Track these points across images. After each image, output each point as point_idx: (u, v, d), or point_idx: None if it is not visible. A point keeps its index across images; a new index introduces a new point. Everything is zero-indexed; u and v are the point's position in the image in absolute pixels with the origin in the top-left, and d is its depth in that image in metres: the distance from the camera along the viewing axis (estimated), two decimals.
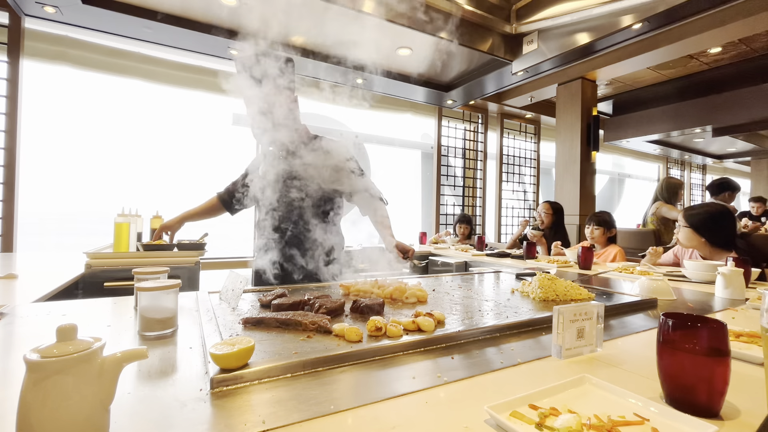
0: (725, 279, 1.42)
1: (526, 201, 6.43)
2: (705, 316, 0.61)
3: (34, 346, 0.44)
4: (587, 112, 4.62)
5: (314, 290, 1.31)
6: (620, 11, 2.95)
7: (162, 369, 0.67)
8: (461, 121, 5.74)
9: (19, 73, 3.09)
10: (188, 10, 3.13)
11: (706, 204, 2.22)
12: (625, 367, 0.72)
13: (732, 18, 3.10)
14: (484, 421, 0.51)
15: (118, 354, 0.47)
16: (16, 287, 1.45)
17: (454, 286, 1.43)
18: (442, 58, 4.01)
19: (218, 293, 1.18)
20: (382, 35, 3.44)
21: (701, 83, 5.22)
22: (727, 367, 0.54)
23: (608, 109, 6.43)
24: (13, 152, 3.08)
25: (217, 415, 0.52)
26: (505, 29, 3.60)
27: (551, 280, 1.28)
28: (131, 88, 3.68)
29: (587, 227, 2.96)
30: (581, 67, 4.28)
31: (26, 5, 2.89)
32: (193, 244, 2.39)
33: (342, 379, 0.64)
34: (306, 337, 0.81)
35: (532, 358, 0.75)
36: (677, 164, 8.85)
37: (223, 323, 0.89)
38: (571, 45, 3.31)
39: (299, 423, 0.50)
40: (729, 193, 4.05)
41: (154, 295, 0.85)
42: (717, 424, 0.51)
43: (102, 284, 2.01)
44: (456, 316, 1.00)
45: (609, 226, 2.89)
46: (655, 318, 1.10)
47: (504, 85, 4.47)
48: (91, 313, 1.02)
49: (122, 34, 3.31)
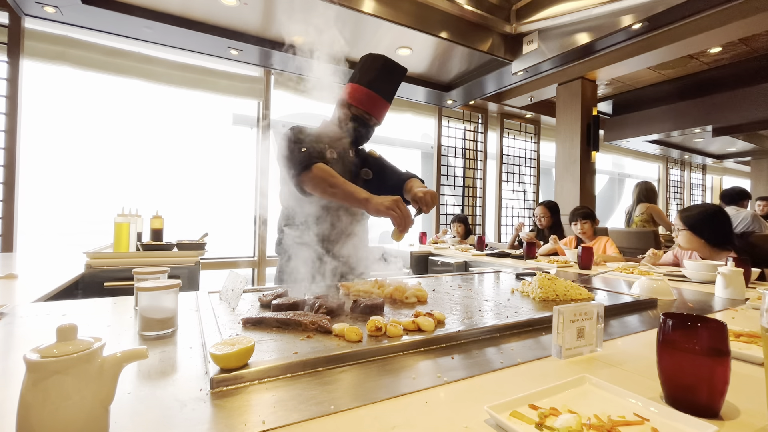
0: (725, 279, 1.42)
1: (526, 201, 6.43)
2: (705, 316, 0.61)
3: (34, 346, 0.44)
4: (587, 112, 4.62)
5: (315, 290, 1.31)
6: (620, 11, 2.95)
7: (162, 369, 0.67)
8: (461, 121, 5.74)
9: (19, 73, 3.10)
10: (188, 10, 3.13)
11: (700, 205, 2.23)
12: (625, 367, 0.72)
13: (732, 18, 3.10)
14: (484, 421, 0.51)
15: (118, 354, 0.47)
16: (16, 287, 1.45)
17: (454, 286, 1.43)
18: (442, 58, 4.01)
19: (218, 293, 1.18)
20: (382, 35, 3.45)
21: (701, 83, 5.23)
22: (727, 367, 0.54)
23: (608, 109, 6.43)
24: (13, 152, 3.08)
25: (217, 415, 0.52)
26: (505, 29, 3.60)
27: (551, 280, 1.28)
28: (131, 88, 3.68)
29: (573, 224, 3.03)
30: (581, 67, 4.28)
31: (26, 5, 2.89)
32: (193, 244, 2.39)
33: (342, 379, 0.64)
34: (306, 337, 0.81)
35: (532, 358, 0.75)
36: (677, 164, 8.85)
37: (223, 323, 0.89)
38: (571, 45, 3.31)
39: (299, 423, 0.50)
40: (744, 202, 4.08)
41: (154, 295, 0.85)
42: (717, 424, 0.51)
43: (102, 284, 2.01)
44: (456, 316, 1.00)
45: (593, 217, 2.99)
46: (655, 318, 1.10)
47: (504, 85, 4.47)
48: (91, 313, 1.02)
49: (122, 34, 3.31)
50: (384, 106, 1.59)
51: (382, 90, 1.56)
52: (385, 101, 1.59)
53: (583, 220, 2.98)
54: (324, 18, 1.43)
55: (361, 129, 1.60)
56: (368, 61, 1.59)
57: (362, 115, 1.57)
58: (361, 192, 1.33)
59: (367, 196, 1.32)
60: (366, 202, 1.31)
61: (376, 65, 1.57)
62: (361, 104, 1.55)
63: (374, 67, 1.57)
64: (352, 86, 1.57)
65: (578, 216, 3.01)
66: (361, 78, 1.56)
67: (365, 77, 1.56)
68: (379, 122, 1.63)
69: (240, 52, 3.64)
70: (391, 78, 1.59)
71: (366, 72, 1.57)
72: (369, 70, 1.57)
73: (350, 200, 1.35)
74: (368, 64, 1.58)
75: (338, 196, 1.36)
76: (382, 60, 1.58)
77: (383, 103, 1.58)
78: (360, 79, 1.56)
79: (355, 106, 1.56)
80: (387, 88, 1.58)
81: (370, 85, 1.55)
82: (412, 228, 1.35)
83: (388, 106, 1.62)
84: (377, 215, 1.31)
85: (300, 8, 2.88)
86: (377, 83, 1.55)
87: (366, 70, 1.57)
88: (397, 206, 1.27)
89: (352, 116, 1.58)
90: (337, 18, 1.50)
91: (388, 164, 1.78)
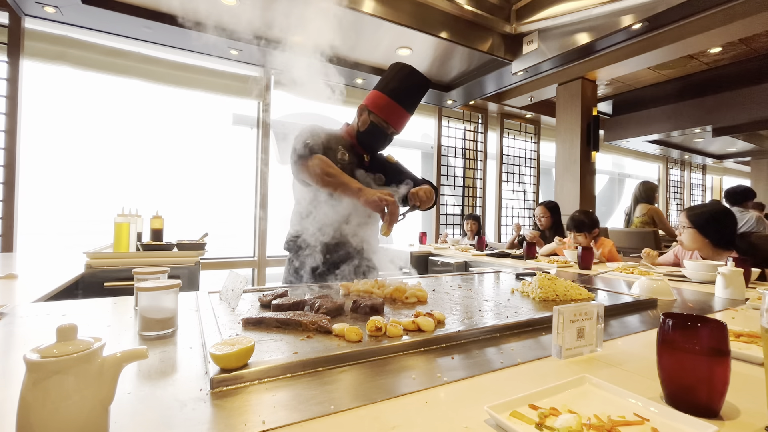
0: (725, 279, 1.42)
1: (526, 201, 6.43)
2: (705, 316, 0.61)
3: (34, 346, 0.44)
4: (587, 112, 4.62)
5: (315, 290, 1.31)
6: (620, 11, 2.95)
7: (162, 369, 0.67)
8: (461, 121, 5.74)
9: (19, 73, 3.10)
10: (188, 10, 3.13)
11: (709, 204, 2.21)
12: (625, 367, 0.72)
13: (732, 18, 3.10)
14: (484, 421, 0.51)
15: (118, 354, 0.47)
16: (16, 287, 1.45)
17: (454, 286, 1.43)
18: (442, 58, 4.01)
19: (218, 293, 1.18)
20: (382, 35, 3.44)
21: (701, 83, 5.23)
22: (727, 367, 0.54)
23: (608, 109, 6.43)
24: (13, 152, 3.08)
25: (217, 415, 0.52)
26: (505, 29, 3.60)
27: (551, 280, 1.28)
28: (131, 88, 3.68)
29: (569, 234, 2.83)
30: (581, 67, 4.28)
31: (26, 5, 2.89)
32: (193, 244, 2.39)
33: (342, 379, 0.64)
34: (306, 337, 0.81)
35: (532, 358, 0.75)
36: (677, 164, 8.85)
37: (223, 323, 0.89)
38: (571, 45, 3.32)
39: (299, 423, 0.50)
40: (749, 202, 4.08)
41: (154, 295, 0.85)
42: (717, 424, 0.51)
43: (102, 284, 2.01)
44: (456, 316, 1.00)
45: (590, 227, 2.72)
46: (655, 318, 1.10)
47: (504, 85, 4.47)
48: (91, 313, 1.02)
49: (122, 34, 3.31)
50: (403, 116, 1.60)
51: (404, 100, 1.57)
52: (405, 111, 1.59)
53: (577, 232, 2.73)
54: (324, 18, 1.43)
55: (378, 136, 1.60)
56: (394, 70, 1.60)
57: (380, 123, 1.57)
58: (354, 183, 1.37)
59: (359, 187, 1.35)
60: (359, 192, 1.34)
61: (401, 75, 1.58)
62: (381, 111, 1.56)
63: (398, 77, 1.57)
64: (374, 93, 1.59)
65: (572, 227, 2.77)
66: (384, 86, 1.57)
67: (388, 85, 1.57)
68: (398, 131, 1.63)
69: (240, 52, 3.64)
70: (414, 89, 1.59)
71: (390, 80, 1.58)
72: (393, 79, 1.58)
73: (345, 190, 1.38)
74: (392, 74, 1.59)
75: (333, 185, 1.39)
76: (407, 70, 1.59)
77: (403, 113, 1.59)
78: (383, 87, 1.57)
79: (375, 113, 1.57)
80: (408, 98, 1.58)
81: (391, 94, 1.55)
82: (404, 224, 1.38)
83: (408, 117, 1.63)
84: (367, 206, 1.34)
85: (300, 8, 2.87)
86: (399, 92, 1.56)
87: (390, 78, 1.58)
88: (384, 199, 1.29)
89: (370, 122, 1.58)
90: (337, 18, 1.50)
91: (404, 170, 1.79)
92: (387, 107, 1.55)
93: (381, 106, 1.56)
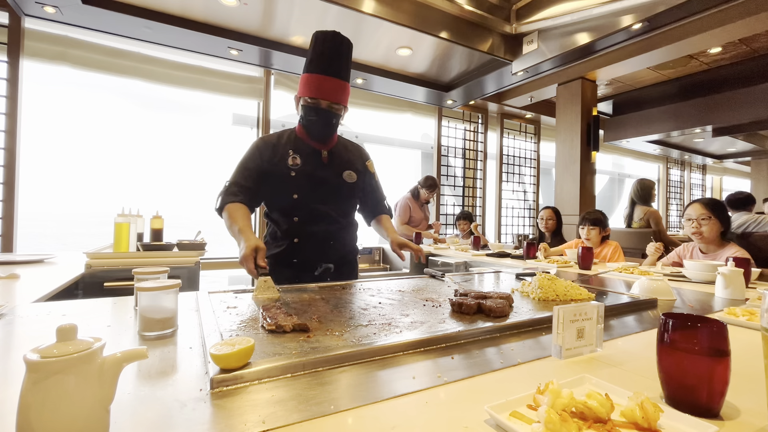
0: (725, 279, 1.41)
1: (526, 201, 6.43)
2: (705, 316, 0.61)
3: (34, 346, 0.44)
4: (587, 112, 4.62)
5: (314, 290, 1.31)
6: (620, 11, 2.95)
7: (162, 369, 0.67)
8: (461, 121, 5.75)
9: (19, 73, 3.09)
10: (188, 10, 3.13)
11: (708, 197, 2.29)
12: (625, 367, 0.72)
13: (732, 18, 3.09)
14: (484, 421, 0.51)
15: (118, 354, 0.47)
16: (17, 287, 1.45)
17: (455, 286, 1.43)
18: (442, 58, 4.01)
19: (218, 293, 1.18)
20: (382, 35, 3.44)
21: (701, 83, 5.22)
22: (727, 367, 0.54)
23: (608, 109, 6.43)
24: (13, 152, 3.08)
25: (217, 415, 0.52)
26: (505, 29, 3.60)
27: (551, 280, 1.28)
28: (131, 88, 3.68)
29: (581, 228, 2.90)
30: (581, 67, 4.28)
31: (26, 5, 2.89)
32: (194, 244, 2.39)
33: (342, 379, 0.64)
34: (306, 337, 0.81)
35: (532, 358, 0.75)
36: (677, 164, 8.85)
37: (223, 323, 0.89)
38: (571, 45, 3.31)
39: (299, 423, 0.50)
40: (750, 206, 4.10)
41: (154, 295, 0.85)
42: (717, 424, 0.51)
43: (102, 284, 2.01)
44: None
45: (604, 225, 2.85)
46: (655, 318, 1.10)
47: (504, 85, 4.47)
48: (91, 313, 1.02)
49: (122, 34, 3.31)
50: (330, 82, 1.46)
51: (325, 68, 1.45)
52: (330, 77, 1.45)
53: (592, 226, 2.82)
54: (324, 18, 1.44)
55: (317, 116, 1.50)
56: (309, 46, 1.52)
57: (311, 102, 1.47)
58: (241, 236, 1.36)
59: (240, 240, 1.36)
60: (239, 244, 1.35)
61: (314, 47, 1.49)
62: (307, 90, 1.47)
63: (313, 51, 1.49)
64: (300, 79, 1.52)
65: (587, 220, 2.86)
66: (305, 68, 1.51)
67: (307, 65, 1.50)
68: (339, 104, 1.50)
69: (240, 52, 3.64)
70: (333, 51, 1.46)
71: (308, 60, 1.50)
72: (309, 55, 1.50)
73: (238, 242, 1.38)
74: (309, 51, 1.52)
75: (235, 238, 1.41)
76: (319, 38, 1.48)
77: (328, 80, 1.45)
78: (305, 70, 1.50)
79: (304, 97, 1.49)
80: (329, 64, 1.45)
81: (309, 67, 1.48)
82: None
83: (339, 83, 1.48)
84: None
85: (300, 8, 2.87)
86: (317, 63, 1.45)
87: (308, 58, 1.51)
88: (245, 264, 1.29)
89: (304, 107, 1.50)
90: (337, 18, 1.51)
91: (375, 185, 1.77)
92: (309, 82, 1.46)
93: (305, 84, 1.48)
